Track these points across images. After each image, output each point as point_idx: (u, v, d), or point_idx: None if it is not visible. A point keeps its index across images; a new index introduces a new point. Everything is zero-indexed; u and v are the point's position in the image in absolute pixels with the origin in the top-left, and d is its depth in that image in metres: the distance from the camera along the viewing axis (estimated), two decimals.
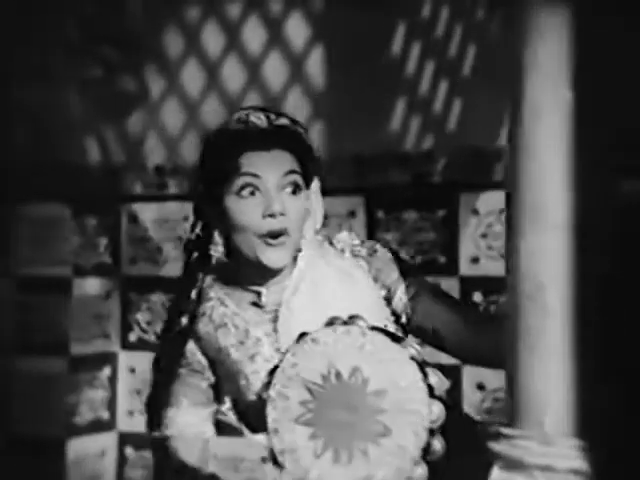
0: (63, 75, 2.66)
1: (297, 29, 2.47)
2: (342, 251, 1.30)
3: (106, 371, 2.65)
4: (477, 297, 2.27)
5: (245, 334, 1.25)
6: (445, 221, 2.33)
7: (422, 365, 1.07)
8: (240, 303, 1.28)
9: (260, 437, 1.15)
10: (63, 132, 2.67)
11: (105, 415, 2.65)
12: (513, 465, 0.85)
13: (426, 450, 1.04)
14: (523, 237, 0.89)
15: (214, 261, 1.28)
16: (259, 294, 1.27)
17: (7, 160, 2.70)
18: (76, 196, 2.66)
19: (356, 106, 2.35)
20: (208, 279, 1.30)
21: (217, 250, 1.27)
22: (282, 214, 1.21)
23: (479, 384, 2.27)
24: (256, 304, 1.27)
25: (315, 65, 2.45)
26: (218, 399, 1.30)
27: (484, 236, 2.30)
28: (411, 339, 1.19)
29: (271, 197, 1.21)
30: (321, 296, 1.25)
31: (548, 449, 0.83)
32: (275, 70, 2.48)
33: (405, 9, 2.35)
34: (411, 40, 2.36)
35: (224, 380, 1.28)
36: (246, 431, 1.28)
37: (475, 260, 2.31)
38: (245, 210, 1.21)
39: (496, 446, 0.88)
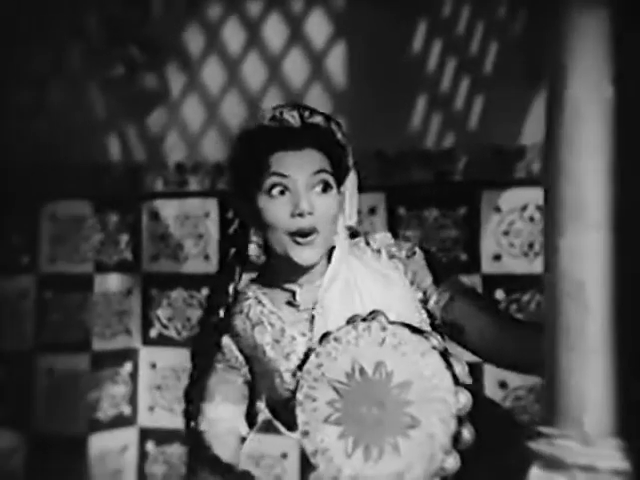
0: (85, 74, 2.68)
1: (318, 26, 2.46)
2: (378, 251, 1.29)
3: (127, 367, 2.66)
4: (499, 295, 2.27)
5: (281, 333, 1.26)
6: (466, 219, 2.33)
7: (445, 354, 1.07)
8: (276, 302, 1.29)
9: (295, 435, 1.15)
10: (85, 130, 2.68)
11: (126, 410, 2.66)
12: (553, 465, 0.85)
13: (456, 439, 1.04)
14: (563, 235, 0.89)
15: (251, 257, 1.29)
16: (294, 293, 1.28)
17: (30, 158, 2.72)
18: (98, 193, 2.67)
19: (377, 104, 2.35)
20: (245, 279, 1.30)
21: (253, 248, 1.28)
22: (310, 213, 1.21)
23: (501, 382, 2.27)
24: (291, 303, 1.28)
25: (336, 62, 2.45)
26: (253, 396, 1.31)
27: (506, 234, 2.29)
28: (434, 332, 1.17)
29: (299, 196, 1.21)
30: (355, 297, 1.25)
31: (589, 449, 0.83)
32: (296, 67, 2.48)
33: (426, 6, 2.35)
34: (432, 37, 2.35)
35: (259, 377, 1.28)
36: (282, 428, 1.28)
37: (497, 258, 2.30)
38: (275, 209, 1.22)
39: (535, 445, 0.88)
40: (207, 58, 2.58)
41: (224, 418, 1.27)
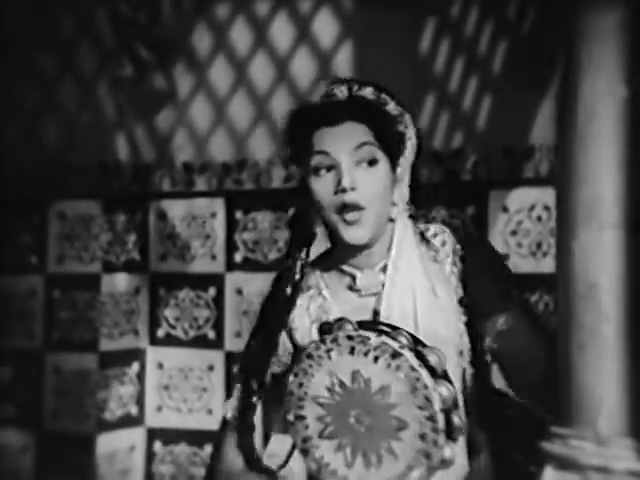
0: (94, 74, 2.68)
1: (326, 26, 2.46)
2: (435, 236, 1.26)
3: (135, 367, 2.66)
4: None
5: None
6: (474, 218, 2.33)
7: (416, 350, 1.06)
8: (337, 289, 1.26)
9: None
10: (94, 130, 2.68)
11: (134, 411, 2.66)
12: (567, 465, 0.85)
13: (448, 430, 1.04)
14: (575, 236, 0.89)
15: (316, 238, 1.26)
16: (354, 278, 1.25)
17: (38, 158, 2.72)
18: (106, 193, 2.68)
19: None
20: (307, 267, 1.27)
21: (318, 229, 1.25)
22: (353, 188, 1.17)
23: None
24: (352, 288, 1.24)
25: (344, 62, 2.45)
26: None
27: (513, 233, 2.29)
28: (401, 330, 1.14)
29: (341, 172, 1.18)
30: (407, 306, 1.20)
31: (603, 449, 0.83)
32: (304, 67, 2.48)
33: (434, 5, 2.35)
34: (440, 37, 2.35)
35: None
36: None
37: (505, 257, 2.30)
38: (320, 188, 1.20)
39: (549, 446, 0.87)
40: (215, 58, 2.59)
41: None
